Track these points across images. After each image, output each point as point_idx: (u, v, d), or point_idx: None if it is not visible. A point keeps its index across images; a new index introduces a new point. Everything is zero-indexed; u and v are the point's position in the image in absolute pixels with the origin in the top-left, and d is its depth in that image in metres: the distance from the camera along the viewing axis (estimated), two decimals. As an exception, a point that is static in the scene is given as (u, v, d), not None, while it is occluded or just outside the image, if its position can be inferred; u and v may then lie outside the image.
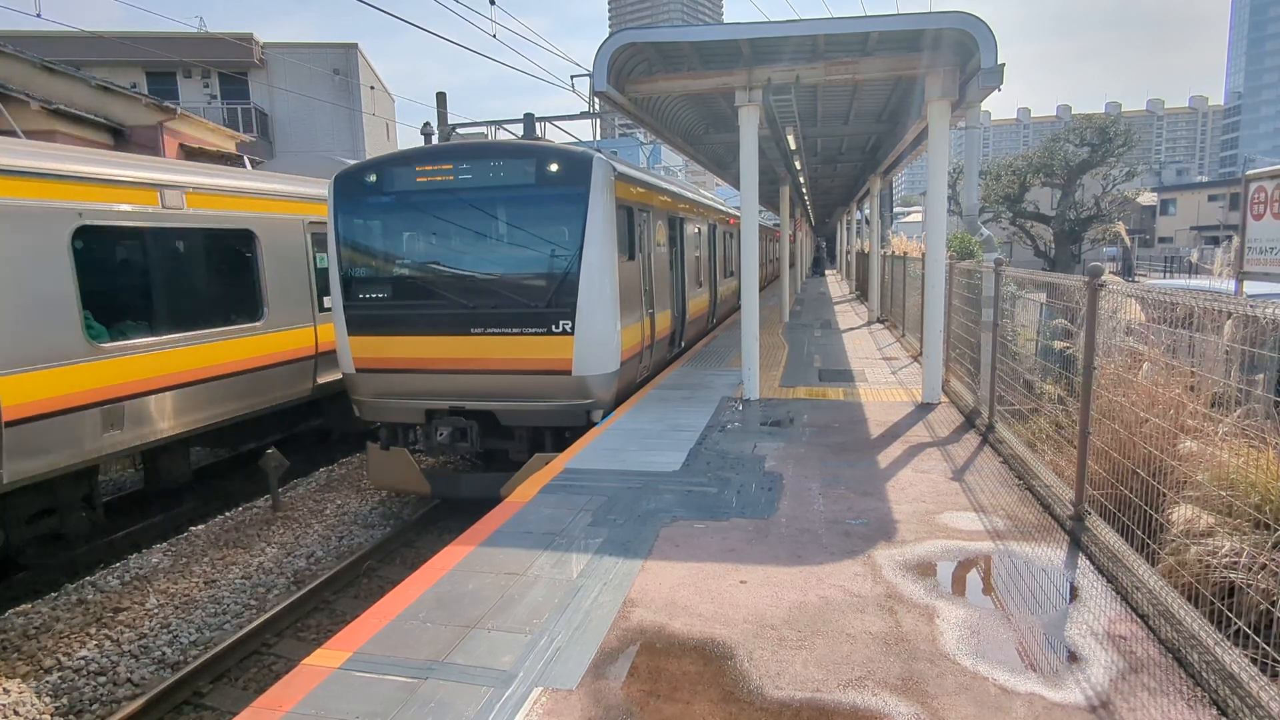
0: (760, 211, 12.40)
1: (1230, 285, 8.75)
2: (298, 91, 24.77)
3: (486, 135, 14.48)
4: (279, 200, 9.56)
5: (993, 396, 6.71)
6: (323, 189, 9.26)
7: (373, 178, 8.15)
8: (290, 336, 9.50)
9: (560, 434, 8.02)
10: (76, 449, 6.83)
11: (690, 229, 12.82)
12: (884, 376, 9.91)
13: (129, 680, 5.72)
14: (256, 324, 8.98)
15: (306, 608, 6.69)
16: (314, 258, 9.98)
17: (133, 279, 7.97)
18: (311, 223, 9.99)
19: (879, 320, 16.63)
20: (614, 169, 8.04)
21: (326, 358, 10.00)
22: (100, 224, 7.15)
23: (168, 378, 7.76)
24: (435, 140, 13.30)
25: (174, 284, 8.32)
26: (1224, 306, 3.38)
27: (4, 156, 6.41)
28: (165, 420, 7.80)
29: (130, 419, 7.38)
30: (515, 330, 7.78)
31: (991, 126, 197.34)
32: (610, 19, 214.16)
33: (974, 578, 4.15)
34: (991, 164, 40.43)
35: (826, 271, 46.83)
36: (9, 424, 6.20)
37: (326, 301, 9.72)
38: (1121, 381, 4.69)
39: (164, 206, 7.86)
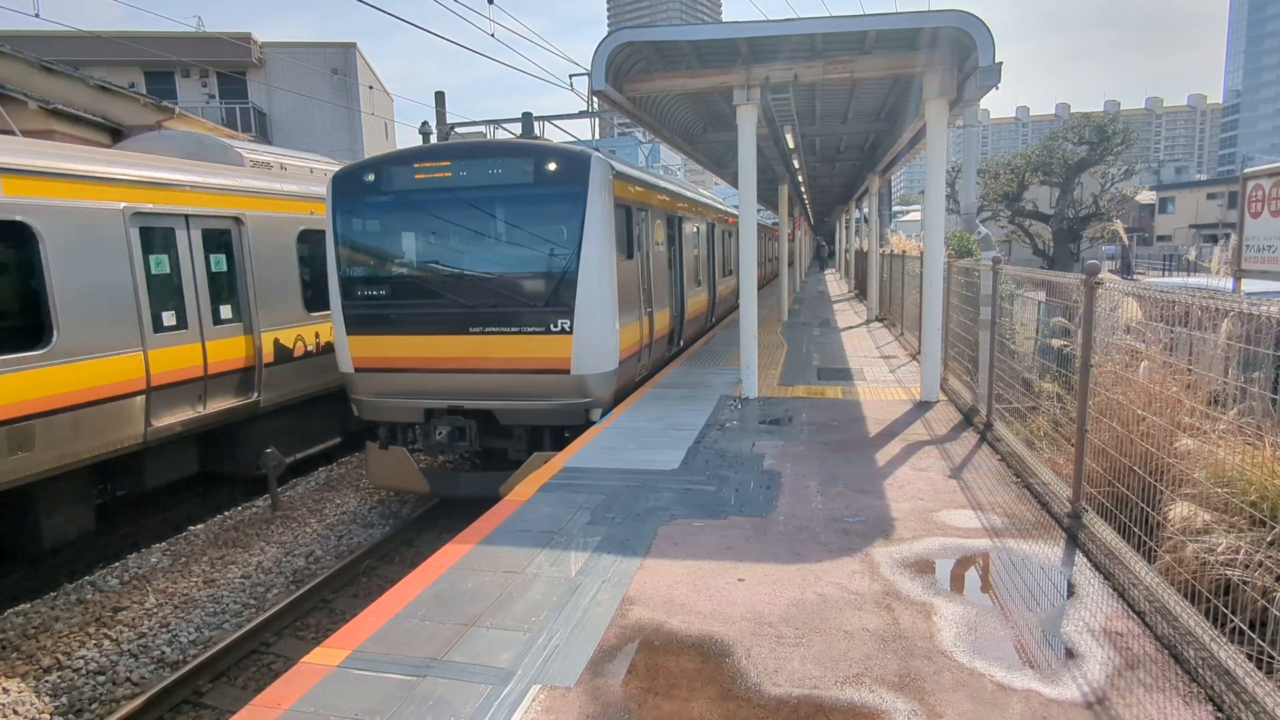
0: (759, 210, 12.41)
1: (1228, 283, 8.75)
2: (296, 91, 24.76)
3: (485, 134, 14.51)
4: (74, 182, 6.94)
5: (991, 395, 6.71)
6: (156, 169, 8.02)
7: (371, 177, 8.15)
8: (99, 368, 7.12)
9: (559, 433, 8.02)
10: None
11: (689, 228, 12.82)
12: (882, 375, 9.91)
13: (128, 679, 5.73)
14: (35, 352, 6.59)
15: (305, 607, 6.71)
16: (144, 259, 7.67)
17: None
18: (137, 213, 7.55)
19: (878, 319, 16.62)
20: (612, 168, 8.04)
21: (167, 393, 7.82)
22: None
23: None
24: (434, 139, 13.28)
25: None
26: (1221, 304, 3.39)
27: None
28: None
29: None
30: (514, 329, 7.79)
31: (990, 125, 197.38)
32: (609, 18, 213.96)
33: (972, 575, 4.15)
34: (990, 162, 40.55)
35: (826, 270, 46.86)
36: None
37: (167, 319, 7.92)
38: (1119, 379, 4.69)
39: None
